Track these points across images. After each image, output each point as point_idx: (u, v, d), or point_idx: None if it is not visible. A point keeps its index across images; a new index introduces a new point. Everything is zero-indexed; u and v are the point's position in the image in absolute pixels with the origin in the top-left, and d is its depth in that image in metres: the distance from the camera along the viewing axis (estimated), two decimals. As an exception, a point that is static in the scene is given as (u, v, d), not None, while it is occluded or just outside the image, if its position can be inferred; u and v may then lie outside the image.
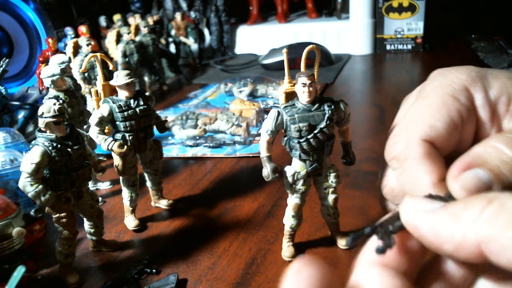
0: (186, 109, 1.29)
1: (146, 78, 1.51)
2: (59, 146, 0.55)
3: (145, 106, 0.68)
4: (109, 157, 0.71)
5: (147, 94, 0.70)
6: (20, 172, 0.54)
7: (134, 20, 1.57)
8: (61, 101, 0.71)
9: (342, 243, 0.61)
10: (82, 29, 1.15)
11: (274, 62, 1.70)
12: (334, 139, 0.57)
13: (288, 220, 0.60)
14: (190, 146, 1.04)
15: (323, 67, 1.66)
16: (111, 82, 0.68)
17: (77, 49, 1.12)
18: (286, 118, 0.54)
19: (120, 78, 0.66)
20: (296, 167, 0.57)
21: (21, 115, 1.09)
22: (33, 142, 0.55)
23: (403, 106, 0.41)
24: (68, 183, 0.57)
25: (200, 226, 0.72)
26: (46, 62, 0.98)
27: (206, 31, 2.01)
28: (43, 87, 1.09)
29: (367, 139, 0.99)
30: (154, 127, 0.74)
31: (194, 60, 1.91)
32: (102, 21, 1.76)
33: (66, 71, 0.78)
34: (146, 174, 0.76)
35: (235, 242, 0.66)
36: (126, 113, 0.67)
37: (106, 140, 0.66)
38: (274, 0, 2.10)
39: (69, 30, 1.32)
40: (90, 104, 1.11)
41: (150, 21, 1.66)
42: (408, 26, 1.85)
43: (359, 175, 0.82)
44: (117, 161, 0.68)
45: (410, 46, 1.87)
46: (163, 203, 0.79)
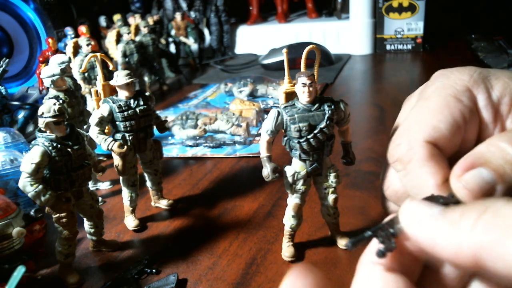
0: (186, 109, 1.29)
1: (146, 78, 1.51)
2: (59, 146, 0.55)
3: (145, 106, 0.68)
4: (109, 157, 0.71)
5: (147, 94, 0.70)
6: (20, 172, 0.54)
7: (134, 20, 1.57)
8: (61, 101, 0.71)
9: (342, 243, 0.61)
10: (82, 29, 1.15)
11: (274, 62, 1.70)
12: (334, 139, 0.57)
13: (288, 220, 0.60)
14: (190, 146, 1.04)
15: (323, 67, 1.66)
16: (111, 82, 0.68)
17: (77, 49, 1.12)
18: (286, 118, 0.54)
19: (120, 78, 0.66)
20: (296, 167, 0.57)
21: (21, 115, 1.09)
22: (33, 142, 0.55)
23: (405, 107, 0.41)
24: (68, 183, 0.57)
25: (200, 226, 0.72)
26: (46, 62, 0.98)
27: (206, 31, 2.01)
28: (43, 87, 1.09)
29: (367, 139, 0.99)
30: (154, 127, 0.74)
31: (194, 60, 1.91)
32: (102, 21, 1.76)
33: (66, 71, 0.78)
34: (146, 174, 0.76)
35: (235, 242, 0.66)
36: (126, 113, 0.67)
37: (106, 140, 0.66)
38: (274, 0, 2.10)
39: (69, 30, 1.32)
40: (90, 104, 1.11)
41: (150, 21, 1.66)
42: (408, 26, 1.85)
43: (359, 175, 0.82)
44: (117, 161, 0.68)
45: (410, 46, 1.87)
46: (163, 203, 0.79)
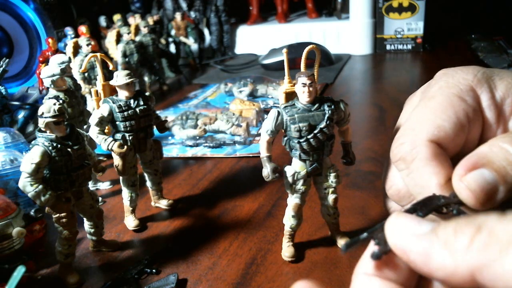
0: (186, 109, 1.29)
1: (146, 78, 1.51)
2: (59, 146, 0.55)
3: (145, 106, 0.68)
4: (109, 157, 0.71)
5: (147, 94, 0.70)
6: (20, 172, 0.54)
7: (134, 20, 1.57)
8: (61, 101, 0.71)
9: (342, 243, 0.61)
10: (82, 29, 1.15)
11: (274, 62, 1.70)
12: (334, 139, 0.57)
13: (288, 220, 0.60)
14: (190, 146, 1.04)
15: (323, 67, 1.66)
16: (111, 82, 0.68)
17: (77, 49, 1.12)
18: (286, 118, 0.54)
19: (120, 78, 0.66)
20: (296, 167, 0.57)
21: (21, 115, 1.09)
22: (33, 142, 0.55)
23: (407, 106, 0.41)
24: (68, 183, 0.57)
25: (200, 226, 0.72)
26: (46, 62, 0.97)
27: (206, 31, 2.01)
28: (43, 87, 1.09)
29: (367, 139, 0.99)
30: (154, 127, 0.74)
31: (194, 60, 1.91)
32: (102, 21, 1.76)
33: (66, 71, 0.78)
34: (146, 174, 0.76)
35: (235, 242, 0.66)
36: (126, 113, 0.67)
37: (106, 140, 0.66)
38: (274, 0, 2.10)
39: (69, 30, 1.32)
40: (90, 104, 1.11)
41: (150, 21, 1.66)
42: (408, 26, 1.85)
43: (359, 175, 0.82)
44: (117, 161, 0.68)
45: (410, 46, 1.87)
46: (163, 203, 0.79)
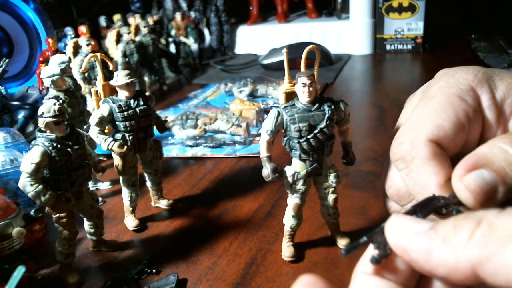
0: (186, 109, 1.29)
1: (146, 78, 1.51)
2: (59, 146, 0.55)
3: (145, 106, 0.68)
4: (109, 157, 0.71)
5: (147, 94, 0.70)
6: (20, 172, 0.54)
7: (134, 20, 1.57)
8: (61, 101, 0.71)
9: (342, 243, 0.61)
10: (82, 29, 1.15)
11: (274, 62, 1.70)
12: (334, 139, 0.57)
13: (288, 220, 0.60)
14: (190, 146, 1.04)
15: (323, 67, 1.66)
16: (111, 82, 0.68)
17: (77, 49, 1.12)
18: (286, 118, 0.54)
19: (120, 78, 0.66)
20: (296, 167, 0.57)
21: (21, 115, 1.09)
22: (33, 142, 0.55)
23: (407, 106, 0.41)
24: (68, 183, 0.57)
25: (200, 226, 0.72)
26: (46, 62, 0.97)
27: (206, 31, 2.01)
28: (43, 87, 1.09)
29: (367, 139, 0.99)
30: (154, 127, 0.74)
31: (194, 60, 1.91)
32: (102, 21, 1.76)
33: (66, 71, 0.78)
34: (146, 174, 0.76)
35: (235, 242, 0.66)
36: (126, 113, 0.67)
37: (106, 140, 0.66)
38: (274, 0, 2.10)
39: (69, 30, 1.32)
40: (90, 104, 1.11)
41: (150, 21, 1.66)
42: (408, 26, 1.85)
43: (359, 175, 0.82)
44: (117, 161, 0.68)
45: (410, 46, 1.87)
46: (163, 203, 0.79)
